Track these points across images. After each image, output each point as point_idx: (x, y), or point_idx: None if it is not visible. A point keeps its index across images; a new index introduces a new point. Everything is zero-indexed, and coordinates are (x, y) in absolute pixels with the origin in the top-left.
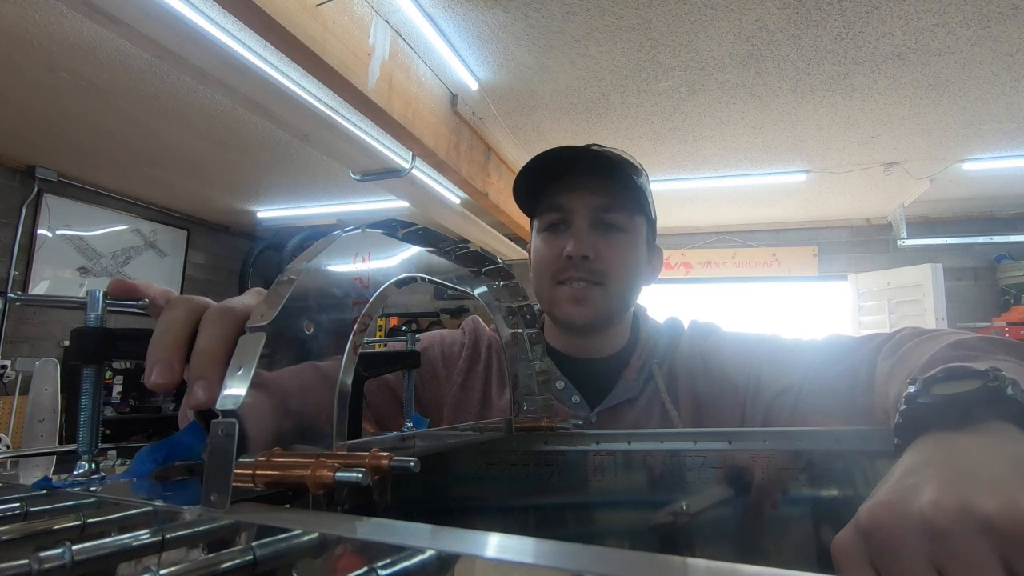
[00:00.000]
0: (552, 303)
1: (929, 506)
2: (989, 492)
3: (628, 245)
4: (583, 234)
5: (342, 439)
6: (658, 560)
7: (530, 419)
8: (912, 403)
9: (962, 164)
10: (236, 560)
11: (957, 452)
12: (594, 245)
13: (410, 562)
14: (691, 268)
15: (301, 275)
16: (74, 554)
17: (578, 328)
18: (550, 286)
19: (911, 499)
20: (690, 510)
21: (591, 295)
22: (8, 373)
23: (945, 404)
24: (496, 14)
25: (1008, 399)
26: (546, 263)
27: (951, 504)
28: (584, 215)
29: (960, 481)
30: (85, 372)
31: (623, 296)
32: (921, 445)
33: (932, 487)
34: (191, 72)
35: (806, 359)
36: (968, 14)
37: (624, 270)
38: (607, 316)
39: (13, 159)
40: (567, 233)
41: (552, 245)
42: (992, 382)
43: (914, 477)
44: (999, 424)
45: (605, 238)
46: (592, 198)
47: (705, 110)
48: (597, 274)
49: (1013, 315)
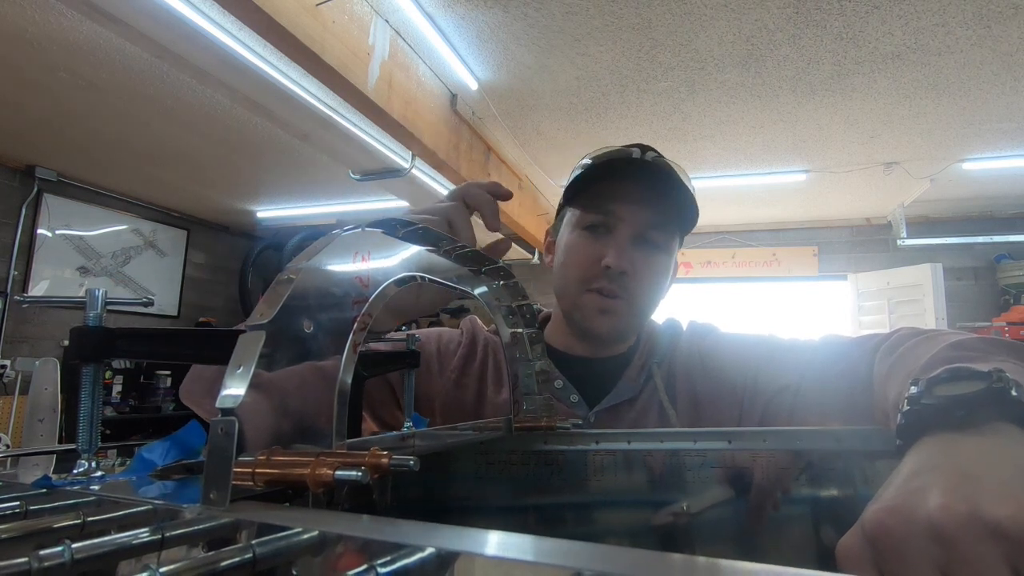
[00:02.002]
0: (577, 307)
1: (937, 511)
2: (998, 497)
3: (663, 264)
4: (625, 247)
5: (342, 438)
6: (658, 558)
7: (530, 419)
8: (915, 404)
9: (962, 164)
10: (236, 558)
11: (962, 454)
12: (634, 260)
13: (410, 560)
14: (691, 268)
15: (301, 274)
16: (74, 552)
17: (596, 337)
18: (578, 290)
19: (918, 503)
20: (690, 510)
21: (619, 308)
22: (8, 373)
23: (949, 405)
24: (496, 14)
25: (1012, 401)
26: (580, 265)
27: (960, 509)
28: (630, 227)
29: (967, 485)
30: (84, 371)
31: (647, 312)
32: (925, 447)
33: (939, 491)
34: (191, 72)
35: (804, 359)
36: (968, 14)
37: (654, 289)
38: (628, 329)
39: (13, 159)
40: (607, 239)
41: (590, 248)
42: (996, 383)
43: (920, 480)
44: (1003, 426)
45: (644, 254)
46: (644, 211)
47: (705, 110)
48: (628, 290)
49: (1013, 315)
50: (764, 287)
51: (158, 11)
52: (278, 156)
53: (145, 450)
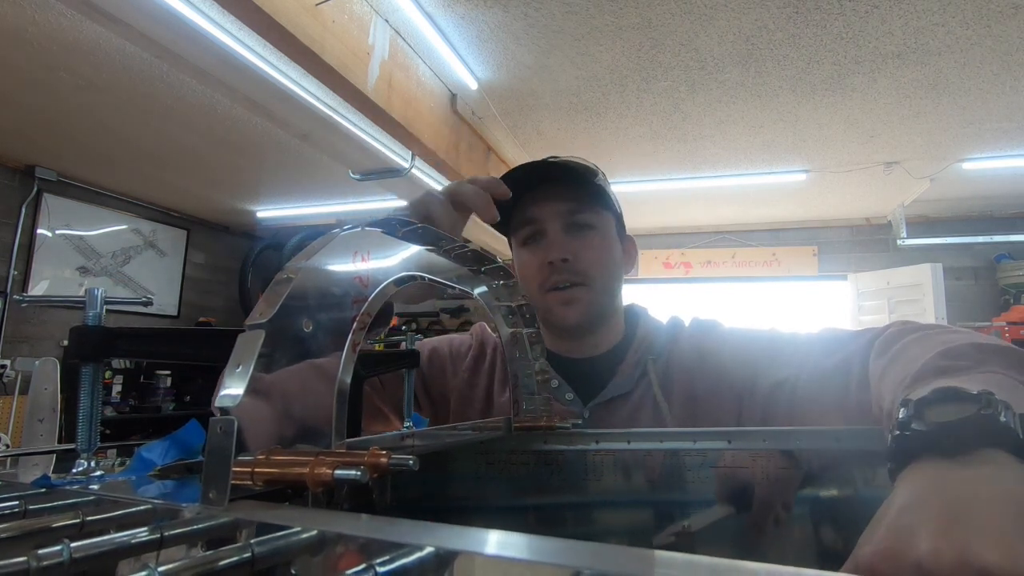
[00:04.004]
0: (544, 310)
1: (927, 556)
2: (987, 541)
3: (602, 241)
4: (559, 239)
5: (341, 437)
6: (657, 557)
7: (529, 418)
8: (905, 428)
9: (962, 164)
10: (235, 557)
11: (951, 489)
12: (571, 247)
13: (409, 559)
14: (691, 268)
15: (300, 273)
16: (73, 552)
17: (572, 328)
18: (540, 295)
19: (909, 546)
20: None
21: (578, 295)
22: (8, 373)
23: (938, 433)
24: (496, 13)
25: (1001, 427)
26: (532, 274)
27: (950, 555)
28: (556, 221)
29: (957, 527)
30: (84, 370)
31: (608, 290)
32: (915, 477)
33: (929, 533)
34: (191, 72)
35: (801, 352)
36: (968, 13)
37: (603, 265)
38: (598, 312)
39: (13, 158)
40: (544, 242)
41: (533, 256)
42: (985, 408)
43: (909, 517)
44: (992, 453)
45: (579, 239)
46: (559, 204)
47: (705, 109)
48: (580, 274)
49: (1013, 315)
50: (764, 287)
51: (158, 11)
52: (278, 156)
53: (144, 450)
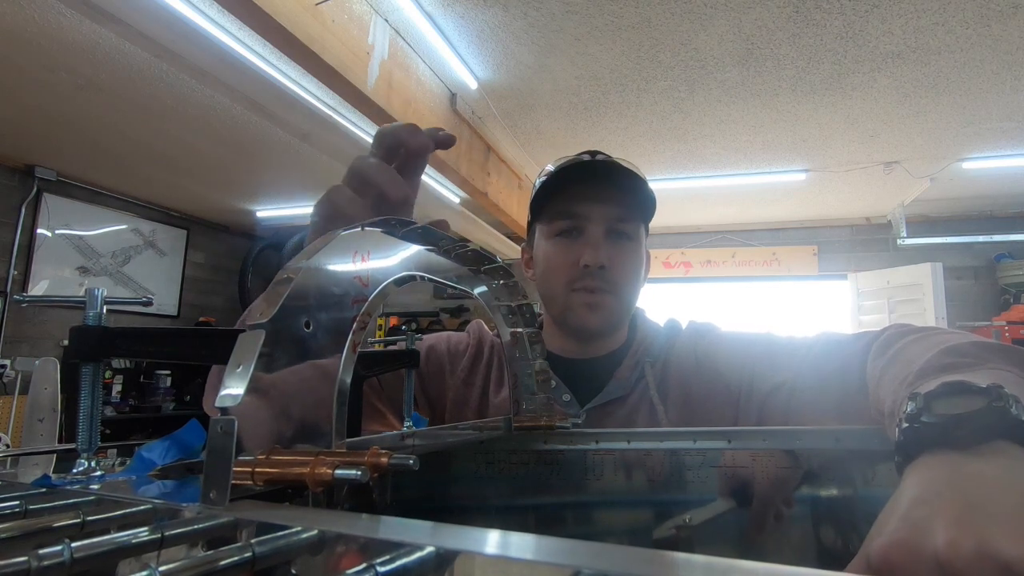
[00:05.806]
0: (566, 308)
1: (944, 548)
2: (1005, 532)
3: (636, 253)
4: (600, 243)
5: (341, 437)
6: (656, 556)
7: (529, 418)
8: (914, 421)
9: (962, 163)
10: (235, 557)
11: (966, 480)
12: (609, 254)
13: (409, 559)
14: (691, 267)
15: (300, 273)
16: (73, 551)
17: (590, 333)
18: (565, 293)
19: (925, 537)
20: (690, 510)
21: (605, 302)
22: (8, 372)
23: (949, 424)
24: (496, 13)
25: (1013, 419)
26: (560, 270)
27: (967, 546)
28: (600, 224)
29: (973, 518)
30: (84, 370)
31: (631, 301)
32: (927, 469)
33: (945, 524)
34: (191, 72)
35: (798, 356)
36: (968, 13)
37: (633, 277)
38: (617, 321)
39: (12, 158)
40: (581, 240)
41: (567, 252)
42: (996, 401)
43: (925, 509)
44: (1004, 445)
45: (618, 246)
46: (608, 208)
47: (705, 109)
48: (611, 283)
49: (1013, 314)
50: (764, 286)
51: (158, 11)
52: (278, 156)
53: (145, 449)
